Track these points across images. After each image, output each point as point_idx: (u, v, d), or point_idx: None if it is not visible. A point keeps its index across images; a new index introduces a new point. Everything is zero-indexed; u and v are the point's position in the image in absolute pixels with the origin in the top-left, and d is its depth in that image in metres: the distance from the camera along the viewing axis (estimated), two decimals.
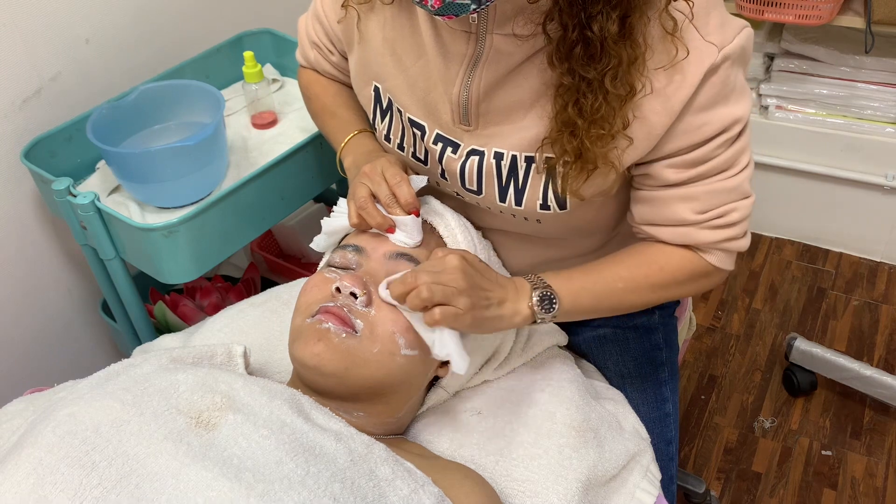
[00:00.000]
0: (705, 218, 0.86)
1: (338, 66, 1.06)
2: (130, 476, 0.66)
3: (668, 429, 1.07)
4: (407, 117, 0.92)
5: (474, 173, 0.89)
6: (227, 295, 1.49)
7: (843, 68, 1.93)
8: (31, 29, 1.20)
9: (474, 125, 0.88)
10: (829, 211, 2.12)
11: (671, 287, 0.90)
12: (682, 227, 0.87)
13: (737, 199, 0.86)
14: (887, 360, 1.86)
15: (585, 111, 0.78)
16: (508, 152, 0.87)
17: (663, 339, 1.11)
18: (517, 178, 0.88)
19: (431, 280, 0.77)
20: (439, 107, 0.89)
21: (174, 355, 0.84)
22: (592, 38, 0.74)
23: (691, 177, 0.84)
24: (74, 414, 0.71)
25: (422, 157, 0.94)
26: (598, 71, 0.75)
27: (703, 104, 0.80)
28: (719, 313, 2.02)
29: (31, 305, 1.37)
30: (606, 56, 0.75)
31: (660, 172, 0.85)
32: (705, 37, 0.78)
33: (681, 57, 0.77)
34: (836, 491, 1.61)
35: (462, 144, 0.89)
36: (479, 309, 0.80)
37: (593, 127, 0.78)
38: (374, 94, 0.95)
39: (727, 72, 0.79)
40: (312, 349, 0.79)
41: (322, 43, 1.05)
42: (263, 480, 0.67)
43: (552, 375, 0.97)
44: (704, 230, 0.87)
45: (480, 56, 0.83)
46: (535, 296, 0.84)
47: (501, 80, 0.84)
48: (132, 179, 1.17)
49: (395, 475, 0.74)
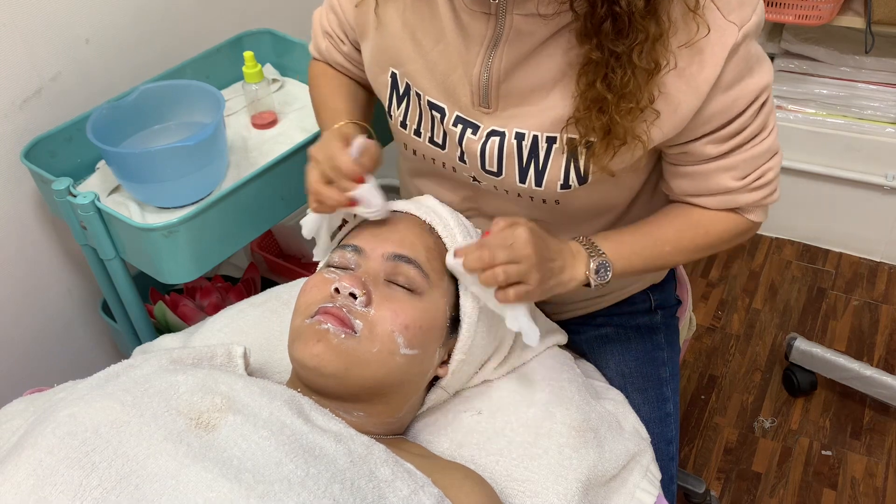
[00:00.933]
0: (746, 183, 0.90)
1: (348, 57, 1.07)
2: (130, 477, 0.66)
3: (668, 428, 1.07)
4: (426, 100, 0.93)
5: (495, 154, 0.90)
6: (227, 295, 1.49)
7: (843, 68, 1.93)
8: (31, 29, 1.20)
9: (494, 107, 0.88)
10: (829, 211, 2.12)
11: (715, 246, 0.95)
12: (725, 195, 0.91)
13: (770, 159, 0.90)
14: (887, 360, 1.86)
15: (615, 85, 0.79)
16: (530, 132, 0.87)
17: (665, 339, 1.11)
18: (538, 158, 0.89)
19: (507, 258, 0.79)
20: (458, 90, 0.89)
21: (174, 356, 0.84)
22: (620, 14, 0.75)
23: (730, 148, 0.88)
24: (74, 415, 0.71)
25: (439, 142, 0.95)
26: (626, 45, 0.77)
27: (730, 82, 0.82)
28: (719, 313, 2.02)
29: (31, 305, 1.37)
30: (634, 31, 0.76)
31: (700, 149, 0.88)
32: (726, 16, 0.80)
33: (702, 34, 0.79)
34: (836, 491, 1.61)
35: (482, 126, 0.90)
36: (545, 281, 0.83)
37: (623, 101, 0.80)
38: (392, 79, 0.96)
39: (748, 48, 0.82)
40: (312, 350, 0.79)
41: (334, 32, 1.05)
42: (263, 481, 0.67)
43: (552, 375, 0.97)
44: (745, 193, 0.91)
45: (500, 36, 0.84)
46: (592, 264, 0.88)
47: (522, 60, 0.85)
48: (132, 179, 1.17)
49: (395, 476, 0.74)
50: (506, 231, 0.82)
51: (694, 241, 0.93)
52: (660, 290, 1.14)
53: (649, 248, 0.92)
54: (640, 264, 0.92)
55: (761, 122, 0.87)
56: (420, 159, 0.99)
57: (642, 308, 1.12)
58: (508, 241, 0.81)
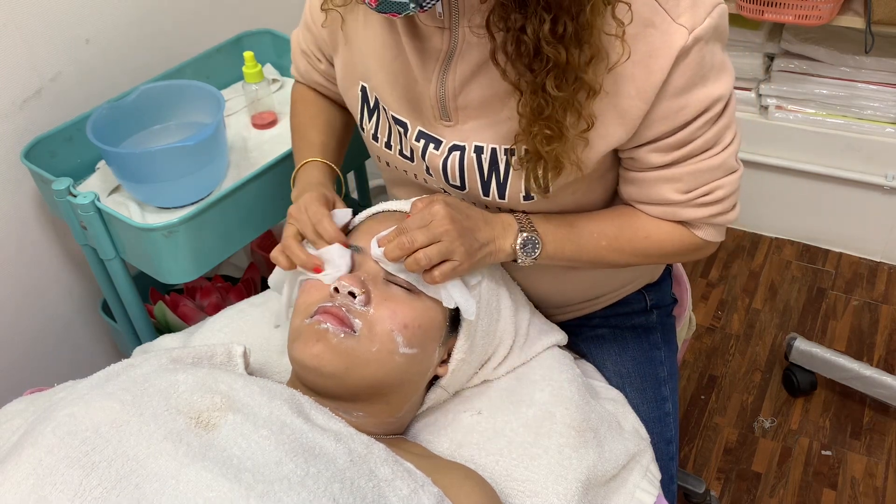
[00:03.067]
0: (690, 197, 0.87)
1: (326, 75, 1.06)
2: (130, 476, 0.66)
3: (667, 428, 1.07)
4: (391, 115, 0.92)
5: (456, 169, 0.90)
6: (227, 295, 1.49)
7: (843, 68, 1.93)
8: (31, 29, 1.20)
9: (454, 120, 0.88)
10: (829, 211, 2.12)
11: (655, 256, 0.93)
12: (667, 207, 0.89)
13: (722, 176, 0.87)
14: (887, 360, 1.86)
15: (531, 111, 0.77)
16: (488, 146, 0.87)
17: (661, 339, 1.11)
18: (498, 171, 0.88)
19: (426, 239, 0.79)
20: (421, 102, 0.89)
21: (174, 355, 0.84)
22: (527, 42, 0.73)
23: (675, 159, 0.85)
24: (74, 414, 0.71)
25: (408, 154, 0.94)
26: (535, 74, 0.75)
27: (678, 88, 0.79)
28: (719, 313, 2.02)
29: (31, 305, 1.37)
30: (543, 59, 0.73)
31: (643, 157, 0.85)
32: (675, 19, 0.77)
33: (623, 59, 0.76)
34: (835, 491, 1.61)
35: (444, 141, 0.89)
36: (472, 253, 0.83)
37: (538, 126, 0.78)
38: (361, 93, 0.95)
39: (701, 53, 0.78)
40: (311, 350, 0.80)
41: (311, 51, 1.05)
42: (263, 481, 0.67)
43: (552, 375, 0.97)
44: (689, 208, 0.88)
45: (454, 50, 0.84)
46: (520, 238, 0.87)
47: (475, 73, 0.84)
48: (132, 179, 1.17)
49: (395, 475, 0.74)
50: (423, 211, 0.82)
51: (632, 242, 0.91)
52: (655, 289, 1.14)
53: (585, 238, 0.90)
54: (572, 251, 0.91)
55: (713, 136, 0.83)
56: (394, 170, 0.99)
57: (638, 308, 1.12)
58: (426, 220, 0.81)
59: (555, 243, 0.89)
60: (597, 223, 0.91)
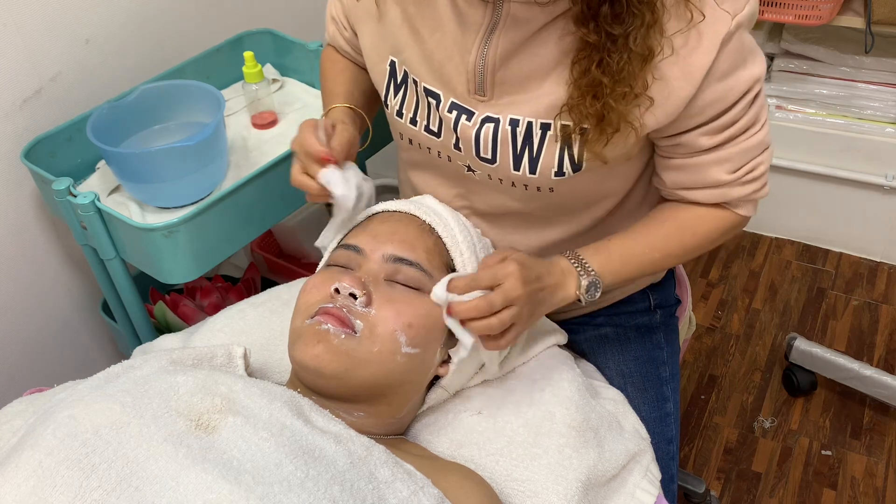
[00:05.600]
0: (738, 176, 0.90)
1: (350, 42, 1.08)
2: (130, 478, 0.66)
3: (668, 428, 1.07)
4: (423, 87, 0.93)
5: (489, 140, 0.90)
6: (227, 295, 1.49)
7: (843, 68, 1.92)
8: (31, 29, 1.20)
9: (489, 95, 0.89)
10: (829, 211, 2.12)
11: (704, 246, 0.96)
12: (717, 189, 0.91)
13: (761, 153, 0.91)
14: (887, 360, 1.86)
15: (611, 70, 0.80)
16: (524, 119, 0.88)
17: (664, 339, 1.11)
18: (532, 145, 0.89)
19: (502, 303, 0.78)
20: (454, 78, 0.90)
21: (174, 357, 0.84)
22: None
23: (723, 140, 0.88)
24: (74, 416, 0.71)
25: (435, 129, 0.95)
26: (622, 29, 0.78)
27: (724, 72, 0.83)
28: (719, 313, 2.02)
29: (31, 305, 1.37)
30: (630, 15, 0.77)
31: (693, 141, 0.88)
32: (720, 4, 0.80)
33: (696, 21, 0.80)
34: (835, 491, 1.61)
35: (476, 112, 0.90)
36: (536, 315, 0.85)
37: (618, 86, 0.80)
38: (390, 68, 0.96)
39: (741, 38, 0.82)
40: (312, 351, 0.80)
41: (339, 19, 1.07)
42: (263, 483, 0.67)
43: (552, 375, 0.97)
44: (737, 187, 0.91)
45: (497, 24, 0.85)
46: (583, 282, 0.88)
47: (518, 47, 0.85)
48: (132, 179, 1.17)
49: (395, 477, 0.74)
50: (496, 268, 0.80)
51: (682, 243, 0.94)
52: (659, 289, 1.14)
53: (638, 257, 0.93)
54: (629, 275, 0.93)
55: (754, 114, 0.87)
56: (416, 149, 1.00)
57: (641, 308, 1.12)
58: (499, 280, 0.79)
59: (611, 275, 0.91)
60: (643, 238, 0.94)
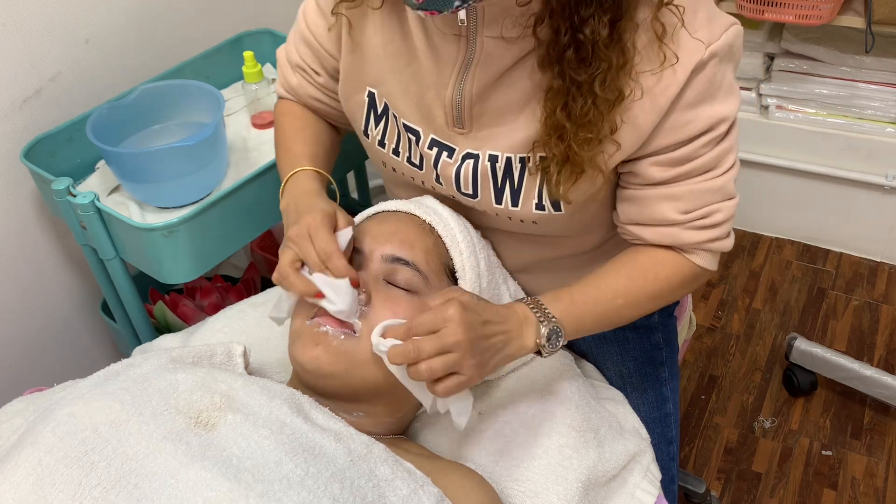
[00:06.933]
0: (689, 218, 0.85)
1: (324, 88, 1.02)
2: (129, 476, 0.66)
3: (668, 429, 1.07)
4: (402, 123, 0.92)
5: (469, 177, 0.89)
6: (227, 295, 1.49)
7: (844, 68, 1.92)
8: (31, 29, 1.20)
9: (468, 127, 0.87)
10: (829, 211, 2.12)
11: (666, 295, 0.90)
12: (666, 227, 0.87)
13: (721, 200, 0.85)
14: (887, 360, 1.86)
15: (574, 115, 0.77)
16: (503, 154, 0.86)
17: (663, 339, 1.11)
18: (512, 179, 0.87)
19: (433, 350, 0.73)
20: (433, 110, 0.88)
21: (174, 355, 0.84)
22: (584, 42, 0.73)
23: (676, 175, 0.84)
24: (74, 414, 0.71)
25: (416, 162, 0.94)
26: (588, 74, 0.75)
27: (689, 101, 0.79)
28: (719, 313, 2.02)
29: (31, 305, 1.37)
30: (597, 60, 0.74)
31: (645, 170, 0.84)
32: (693, 33, 0.77)
33: (669, 62, 0.77)
34: (836, 491, 1.61)
35: (457, 149, 0.89)
36: (483, 365, 0.76)
37: (581, 131, 0.78)
38: (368, 98, 0.94)
39: (714, 69, 0.78)
40: (311, 353, 0.80)
41: (308, 65, 1.01)
42: (263, 480, 0.67)
43: (552, 375, 0.97)
44: (688, 230, 0.86)
45: (472, 59, 0.83)
46: (543, 330, 0.81)
47: (494, 82, 0.84)
48: (132, 179, 1.17)
49: (395, 475, 0.74)
50: (436, 312, 0.75)
51: (645, 289, 0.88)
52: None
53: (602, 305, 0.86)
54: (592, 323, 0.87)
55: (715, 156, 0.83)
56: (400, 176, 0.98)
57: None
58: (438, 326, 0.73)
59: (574, 324, 0.84)
60: (606, 282, 0.88)
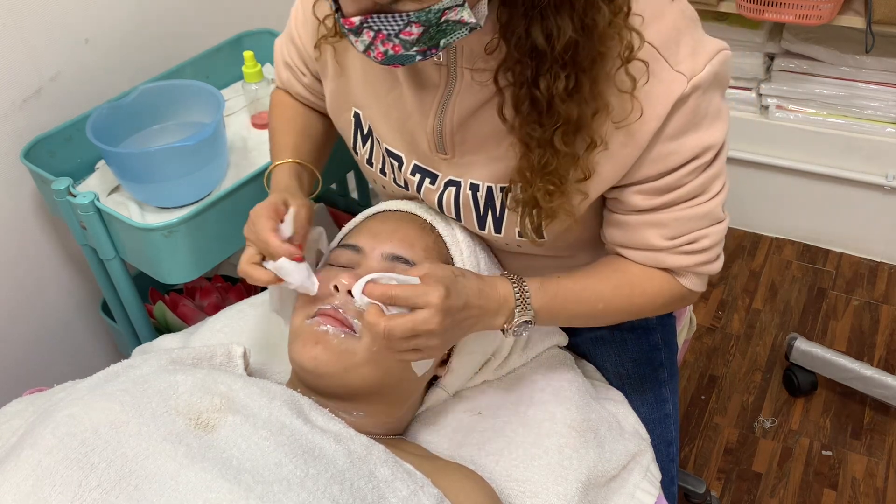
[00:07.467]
0: (674, 244, 0.85)
1: (309, 88, 1.04)
2: (129, 477, 0.66)
3: (668, 429, 1.07)
4: (385, 147, 0.92)
5: (452, 204, 0.90)
6: (227, 295, 1.49)
7: (844, 68, 1.92)
8: (31, 29, 1.20)
9: (451, 153, 0.87)
10: (829, 211, 2.12)
11: (647, 311, 0.91)
12: (650, 252, 0.87)
13: (708, 225, 0.85)
14: (887, 361, 1.86)
15: (534, 166, 0.76)
16: (484, 184, 0.86)
17: (661, 340, 1.11)
18: (494, 208, 0.88)
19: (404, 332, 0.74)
20: (416, 136, 0.88)
21: (173, 356, 0.84)
22: (539, 98, 0.72)
23: (660, 204, 0.83)
24: (73, 415, 0.71)
25: (402, 184, 0.95)
26: (544, 129, 0.74)
27: (671, 133, 0.78)
28: (719, 313, 2.02)
29: (31, 305, 1.37)
30: (554, 115, 0.73)
31: (629, 198, 0.84)
32: (674, 66, 0.76)
33: (633, 118, 0.76)
34: (836, 491, 1.61)
35: (440, 175, 0.89)
36: (447, 342, 0.80)
37: (542, 181, 0.77)
38: (355, 119, 0.95)
39: (698, 100, 0.77)
40: (310, 352, 0.80)
41: (295, 64, 1.03)
42: (262, 482, 0.67)
43: (552, 375, 0.97)
44: (673, 255, 0.86)
45: (453, 88, 0.83)
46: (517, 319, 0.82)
47: (474, 112, 0.83)
48: (132, 179, 1.17)
49: (395, 476, 0.74)
50: (419, 290, 0.75)
51: (628, 299, 0.89)
52: None
53: (583, 305, 0.87)
54: (565, 320, 0.89)
55: (701, 184, 0.82)
56: (391, 193, 0.99)
57: None
58: (417, 304, 0.74)
59: (548, 317, 0.86)
60: (593, 285, 0.88)
